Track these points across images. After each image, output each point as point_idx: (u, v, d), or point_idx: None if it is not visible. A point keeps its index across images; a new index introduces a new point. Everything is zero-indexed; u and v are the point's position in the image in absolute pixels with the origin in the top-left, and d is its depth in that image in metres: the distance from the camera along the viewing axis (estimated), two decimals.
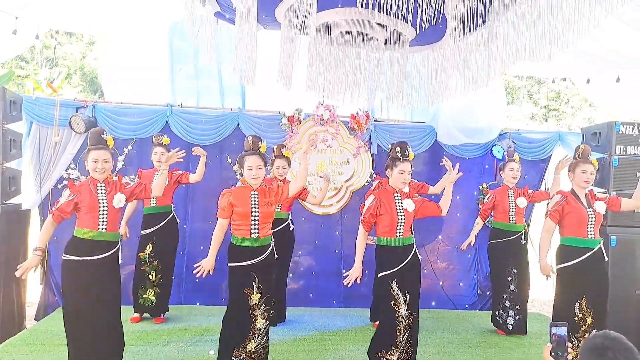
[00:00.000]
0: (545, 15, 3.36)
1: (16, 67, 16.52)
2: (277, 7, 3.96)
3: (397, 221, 4.56)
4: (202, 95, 7.67)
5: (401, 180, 4.65)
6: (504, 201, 6.32)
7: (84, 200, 4.26)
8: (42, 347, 5.35)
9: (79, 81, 19.18)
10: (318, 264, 7.57)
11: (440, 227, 7.71)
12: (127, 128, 6.97)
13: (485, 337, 6.32)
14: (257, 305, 4.40)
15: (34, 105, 6.70)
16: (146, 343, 5.58)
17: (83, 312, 4.25)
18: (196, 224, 7.27)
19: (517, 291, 6.30)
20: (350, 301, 7.48)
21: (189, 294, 7.30)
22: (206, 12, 4.15)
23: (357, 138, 7.41)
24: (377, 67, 4.48)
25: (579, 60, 6.41)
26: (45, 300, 6.89)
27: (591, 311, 4.77)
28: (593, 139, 6.61)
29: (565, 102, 19.49)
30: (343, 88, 4.32)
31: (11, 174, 6.12)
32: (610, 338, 2.15)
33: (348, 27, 4.09)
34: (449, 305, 7.68)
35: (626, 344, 2.12)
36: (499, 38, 3.75)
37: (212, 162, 6.97)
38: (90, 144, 4.38)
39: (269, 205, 4.49)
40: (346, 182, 7.45)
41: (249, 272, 4.38)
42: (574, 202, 4.83)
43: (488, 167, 7.77)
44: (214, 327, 6.08)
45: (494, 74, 3.91)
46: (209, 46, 4.17)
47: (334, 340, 5.97)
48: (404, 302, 4.51)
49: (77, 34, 18.58)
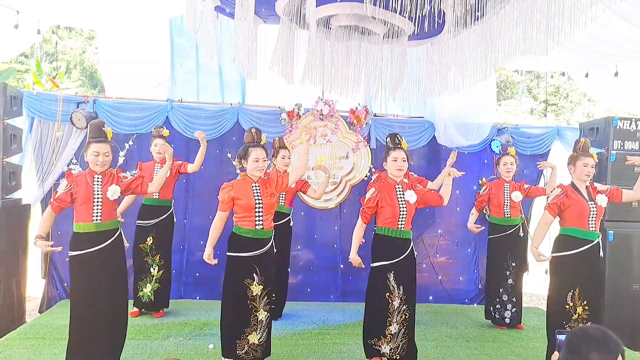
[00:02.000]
0: (542, 9, 3.38)
1: (16, 62, 16.50)
2: (277, 1, 3.99)
3: (399, 213, 4.59)
4: (202, 90, 7.68)
5: (395, 168, 4.67)
6: (499, 194, 6.35)
7: (80, 190, 4.31)
8: (42, 341, 5.37)
9: (79, 76, 19.17)
10: (316, 259, 7.59)
11: (440, 221, 7.72)
12: (127, 123, 6.97)
13: (483, 331, 6.35)
14: (259, 297, 4.42)
15: (36, 100, 6.71)
16: (145, 337, 5.60)
17: (91, 305, 4.31)
18: (196, 218, 7.29)
19: (514, 284, 6.34)
20: (348, 295, 7.51)
21: (188, 288, 7.33)
22: (206, 6, 4.16)
23: (357, 133, 7.42)
24: (376, 61, 4.50)
25: (577, 54, 6.42)
26: (49, 294, 6.93)
27: (584, 302, 4.76)
28: (591, 134, 6.63)
29: (565, 97, 19.49)
30: (342, 82, 4.34)
31: (11, 169, 6.14)
32: (586, 330, 2.10)
33: (347, 21, 4.11)
34: (447, 300, 7.70)
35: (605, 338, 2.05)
36: (497, 32, 3.77)
37: (211, 157, 6.99)
38: (91, 136, 4.41)
39: (271, 195, 4.52)
40: (345, 177, 7.47)
41: (249, 263, 4.40)
42: (575, 196, 4.81)
43: (487, 162, 7.78)
44: (213, 321, 6.10)
45: (492, 68, 3.93)
46: (209, 41, 4.18)
47: (332, 334, 5.99)
48: (398, 295, 4.54)
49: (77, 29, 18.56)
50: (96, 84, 18.42)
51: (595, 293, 4.94)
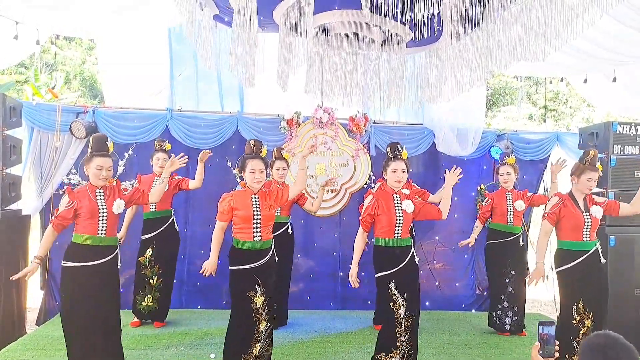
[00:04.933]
0: (539, 15, 3.38)
1: (15, 72, 16.55)
2: (275, 9, 3.99)
3: (395, 222, 4.58)
4: (201, 98, 7.69)
5: (395, 179, 4.67)
6: (502, 204, 6.34)
7: (84, 206, 4.29)
8: (42, 352, 5.36)
9: (79, 86, 19.21)
10: (316, 266, 7.58)
11: (438, 228, 7.70)
12: (127, 133, 6.97)
13: (485, 338, 6.33)
14: (261, 308, 4.42)
15: (35, 111, 6.71)
16: (146, 347, 5.59)
17: (82, 318, 4.26)
18: (196, 228, 7.28)
19: (515, 292, 6.32)
20: (348, 303, 7.51)
21: (189, 298, 7.31)
22: (205, 16, 4.16)
23: (356, 140, 7.42)
24: (374, 69, 4.50)
25: (575, 59, 6.42)
26: (46, 306, 6.89)
27: (590, 313, 4.78)
28: (590, 139, 6.63)
29: (564, 102, 19.51)
30: (341, 90, 4.33)
31: (11, 179, 6.13)
32: (610, 338, 2.15)
33: (345, 29, 4.11)
34: (445, 306, 7.68)
35: (625, 343, 2.13)
36: (495, 38, 3.77)
37: (211, 165, 6.98)
38: (94, 149, 4.40)
39: (270, 208, 4.51)
40: (345, 184, 7.46)
41: (251, 275, 4.40)
42: (571, 206, 4.84)
43: (486, 168, 7.78)
44: (214, 331, 6.09)
45: (490, 74, 3.93)
46: (207, 50, 4.19)
47: (334, 342, 5.97)
48: (402, 303, 4.52)
49: (77, 39, 18.63)
50: (96, 94, 18.47)
51: (599, 301, 4.95)
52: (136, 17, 6.17)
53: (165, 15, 6.17)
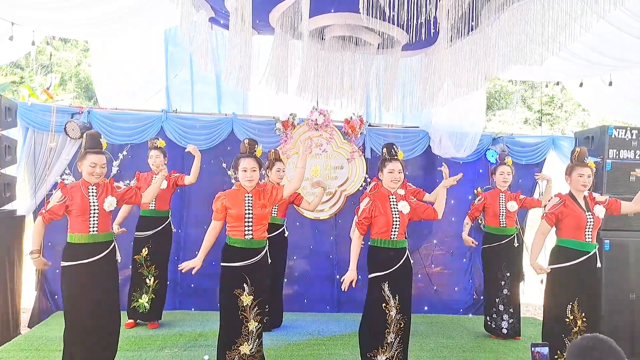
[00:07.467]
0: (536, 18, 3.39)
1: (11, 73, 16.50)
2: (271, 12, 3.99)
3: (392, 223, 4.57)
4: (197, 99, 7.69)
5: (391, 179, 4.65)
6: (495, 204, 6.33)
7: (75, 202, 4.29)
8: (36, 352, 5.34)
9: (74, 87, 19.17)
10: (312, 269, 7.57)
11: (435, 232, 7.71)
12: (122, 134, 6.96)
13: (479, 341, 6.33)
14: (250, 307, 4.40)
15: (30, 111, 6.70)
16: (140, 348, 5.57)
17: (84, 316, 4.29)
18: (191, 229, 7.27)
19: (510, 295, 6.32)
20: (344, 306, 7.49)
21: (183, 299, 7.30)
22: (200, 18, 4.16)
23: (351, 143, 7.42)
24: (370, 72, 4.50)
25: (571, 64, 6.44)
26: (40, 307, 6.86)
27: (583, 314, 4.75)
28: (586, 143, 6.64)
29: (559, 106, 19.56)
30: (337, 92, 4.34)
31: (6, 180, 6.11)
32: (598, 340, 2.15)
33: (341, 32, 4.11)
34: (442, 310, 7.67)
35: (613, 347, 2.13)
36: (491, 42, 3.78)
37: (206, 167, 6.97)
38: (88, 146, 4.40)
39: (263, 207, 4.50)
40: (340, 187, 7.46)
41: (240, 273, 4.39)
42: (572, 206, 4.78)
43: (482, 172, 7.78)
44: (208, 333, 6.08)
45: (487, 78, 3.93)
46: (203, 52, 4.18)
47: (328, 345, 5.96)
48: (394, 305, 4.52)
49: (72, 40, 18.59)
50: (91, 95, 18.40)
51: (593, 304, 4.91)
52: (131, 19, 6.16)
53: (161, 17, 6.16)
